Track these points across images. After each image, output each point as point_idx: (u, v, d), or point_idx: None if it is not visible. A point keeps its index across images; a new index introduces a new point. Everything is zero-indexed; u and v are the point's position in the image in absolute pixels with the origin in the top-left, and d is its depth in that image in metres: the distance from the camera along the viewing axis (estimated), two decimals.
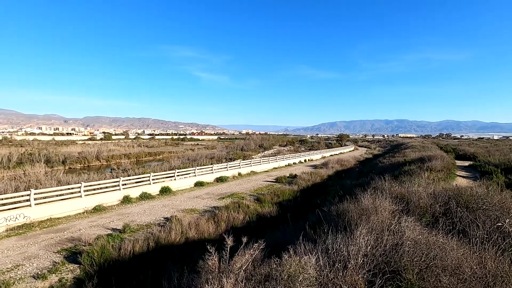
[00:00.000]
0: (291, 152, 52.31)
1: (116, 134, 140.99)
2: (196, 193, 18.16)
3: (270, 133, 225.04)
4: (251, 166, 28.66)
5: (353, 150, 66.27)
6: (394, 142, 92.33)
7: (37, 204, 12.17)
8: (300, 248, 3.55)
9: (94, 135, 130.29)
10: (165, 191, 17.84)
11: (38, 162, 33.86)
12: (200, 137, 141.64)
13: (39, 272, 7.64)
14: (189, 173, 21.64)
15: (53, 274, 7.58)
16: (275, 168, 32.24)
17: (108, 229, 11.13)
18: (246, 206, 13.73)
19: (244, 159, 36.45)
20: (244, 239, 3.84)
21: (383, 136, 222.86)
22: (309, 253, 3.37)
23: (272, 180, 23.59)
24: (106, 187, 15.62)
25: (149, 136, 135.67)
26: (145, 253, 8.67)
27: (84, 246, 8.92)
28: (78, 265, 8.00)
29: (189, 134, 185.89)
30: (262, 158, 33.56)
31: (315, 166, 32.74)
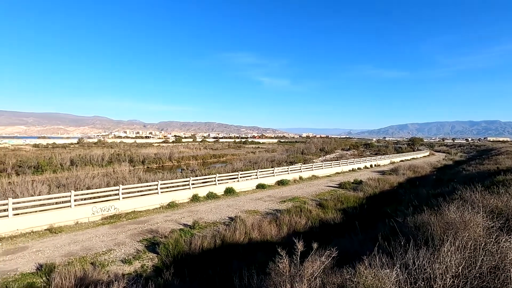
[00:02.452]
0: (355, 157, 49.46)
1: (185, 137, 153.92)
2: (258, 195, 18.55)
3: (332, 136, 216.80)
4: (312, 170, 28.03)
5: (428, 156, 59.26)
6: (481, 147, 79.13)
7: (124, 198, 14.04)
8: (376, 261, 3.31)
9: (167, 138, 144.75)
10: (229, 191, 18.69)
11: (123, 161, 39.09)
12: (261, 140, 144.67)
13: (125, 258, 8.77)
14: (251, 176, 22.25)
15: (137, 261, 8.61)
16: (338, 173, 30.88)
17: (180, 224, 12.18)
18: (308, 211, 13.45)
19: (304, 163, 35.86)
20: (315, 245, 3.76)
21: (466, 139, 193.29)
22: (386, 267, 3.12)
23: (335, 185, 22.65)
24: (178, 186, 17.11)
25: (213, 139, 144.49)
26: (212, 249, 9.19)
27: (161, 238, 9.91)
28: (156, 255, 8.93)
29: (250, 137, 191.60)
30: (324, 162, 32.53)
31: (382, 172, 30.30)
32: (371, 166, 38.03)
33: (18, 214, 11.12)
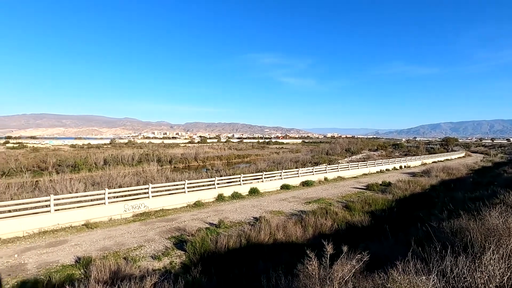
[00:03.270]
0: (383, 158, 47.66)
1: (210, 138, 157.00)
2: (282, 196, 18.47)
3: (358, 136, 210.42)
4: (338, 171, 27.41)
5: (463, 157, 55.69)
6: None
7: (153, 196, 14.60)
8: (409, 266, 3.16)
9: (193, 138, 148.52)
10: (253, 192, 18.79)
11: (152, 161, 40.60)
12: (285, 141, 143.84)
13: (155, 254, 9.11)
14: (275, 176, 22.21)
15: (166, 257, 8.91)
16: (365, 174, 29.92)
17: (206, 223, 12.44)
18: (334, 213, 13.17)
19: (329, 164, 35.15)
20: (345, 248, 3.68)
21: (508, 139, 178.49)
22: (421, 273, 2.97)
23: (362, 187, 21.97)
24: (203, 185, 17.48)
25: (237, 140, 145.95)
26: (238, 249, 9.27)
27: (188, 236, 10.18)
28: (184, 252, 9.19)
29: (274, 137, 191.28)
30: (350, 163, 31.66)
31: (413, 174, 28.92)
32: (400, 167, 36.46)
33: (58, 209, 11.94)
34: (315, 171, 25.09)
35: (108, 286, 4.59)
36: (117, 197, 14.02)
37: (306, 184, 22.53)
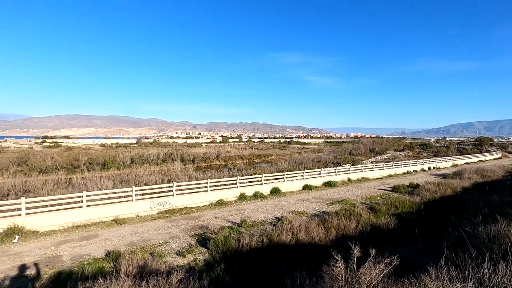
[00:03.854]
0: (410, 158, 45.76)
1: (231, 138, 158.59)
2: (304, 196, 18.27)
3: (383, 136, 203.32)
4: (361, 171, 26.66)
5: (499, 158, 52.14)
6: None
7: (177, 194, 14.99)
8: (442, 273, 3.01)
9: (214, 138, 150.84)
10: (275, 191, 18.74)
11: (175, 160, 41.74)
12: (306, 141, 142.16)
13: (179, 250, 9.36)
14: (297, 176, 22.01)
15: (189, 254, 9.12)
16: (390, 175, 28.87)
17: (228, 221, 12.58)
18: (359, 215, 12.82)
19: (353, 164, 34.30)
20: (372, 251, 3.57)
21: None
22: (455, 281, 2.81)
23: (388, 188, 21.22)
24: (225, 185, 17.69)
25: (259, 139, 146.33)
26: (260, 248, 9.29)
27: (211, 234, 10.33)
28: (207, 250, 9.35)
29: (295, 137, 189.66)
30: (375, 164, 30.68)
31: (443, 176, 27.50)
32: (429, 168, 34.80)
33: (90, 205, 12.60)
34: (338, 172, 24.58)
35: (137, 280, 4.77)
36: (143, 194, 14.55)
37: (328, 184, 22.13)
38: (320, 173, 23.16)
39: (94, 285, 4.43)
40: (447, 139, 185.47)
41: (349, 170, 25.80)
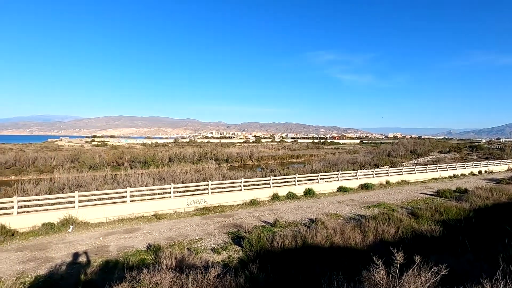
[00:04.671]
0: (457, 161, 42.27)
1: (264, 138, 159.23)
2: (339, 198, 17.76)
3: (426, 137, 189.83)
4: (402, 174, 25.21)
5: None
6: None
7: (212, 193, 15.45)
8: (499, 286, 2.75)
9: (247, 138, 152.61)
10: (308, 193, 18.46)
11: (210, 159, 43.00)
12: (341, 141, 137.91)
13: (215, 247, 9.63)
14: (331, 177, 21.46)
15: (224, 251, 9.35)
16: (434, 178, 26.91)
17: (261, 221, 12.67)
18: (398, 220, 12.13)
19: (392, 166, 32.55)
20: (417, 258, 3.38)
21: None
22: None
23: (431, 192, 19.81)
24: (258, 184, 17.82)
25: (291, 140, 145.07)
26: (293, 249, 9.23)
27: (245, 233, 10.48)
28: (240, 248, 9.51)
29: (329, 138, 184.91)
30: (416, 166, 28.81)
31: (497, 181, 24.98)
32: (479, 172, 31.84)
33: (133, 200, 13.48)
34: (375, 174, 23.51)
35: (177, 273, 5.03)
36: (180, 192, 15.20)
37: (365, 187, 21.26)
38: (356, 175, 22.34)
39: (140, 275, 4.76)
40: (501, 140, 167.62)
41: (387, 173, 24.54)
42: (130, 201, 13.33)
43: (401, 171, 25.69)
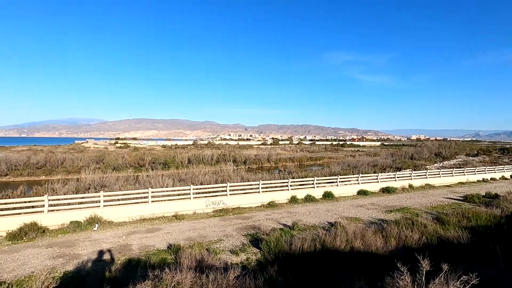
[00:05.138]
0: (486, 164, 40.12)
1: (282, 140, 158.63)
2: (359, 202, 17.35)
3: (452, 139, 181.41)
4: (426, 178, 24.24)
5: None
6: None
7: (231, 194, 15.58)
8: None
9: (265, 140, 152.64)
10: (327, 195, 18.18)
11: (228, 161, 43.38)
12: (361, 143, 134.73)
13: (233, 249, 9.70)
14: (351, 180, 21.02)
15: (242, 253, 9.38)
16: (461, 183, 25.65)
17: (279, 223, 12.61)
18: (423, 225, 11.67)
19: (415, 169, 31.39)
20: (444, 266, 3.24)
21: None
22: None
23: (458, 197, 18.90)
24: (276, 186, 17.78)
25: (310, 142, 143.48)
26: (312, 253, 9.11)
27: (263, 235, 10.47)
28: (259, 250, 9.51)
29: (348, 140, 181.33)
30: (442, 170, 27.59)
31: None
32: (511, 176, 30.00)
33: (154, 201, 13.86)
34: (397, 177, 22.76)
35: (197, 273, 5.11)
36: (199, 193, 15.46)
37: (386, 190, 20.64)
38: (377, 178, 21.74)
39: (162, 274, 4.89)
40: None
41: (410, 176, 23.69)
42: (152, 201, 13.71)
43: (425, 175, 24.71)
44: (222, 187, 15.89)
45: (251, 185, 17.16)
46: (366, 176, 21.88)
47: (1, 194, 17.68)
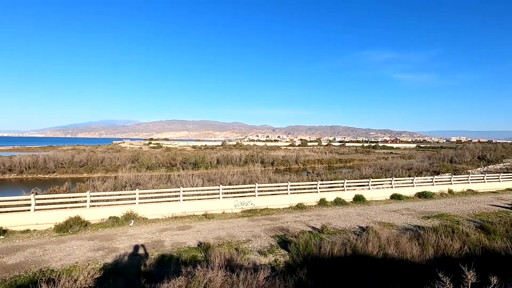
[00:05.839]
0: None
1: (310, 141, 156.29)
2: (392, 207, 16.56)
3: (498, 141, 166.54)
4: (468, 183, 22.52)
5: None
6: None
7: (259, 195, 15.65)
8: None
9: (293, 141, 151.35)
10: (358, 199, 17.58)
11: (256, 162, 43.58)
12: (394, 145, 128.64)
13: (261, 249, 9.73)
14: (383, 184, 20.15)
15: (270, 254, 9.38)
16: (510, 189, 23.48)
17: (308, 226, 12.43)
18: (464, 234, 10.85)
19: (455, 173, 29.29)
20: (493, 279, 3.00)
21: None
22: None
23: (506, 205, 17.32)
24: (305, 188, 17.53)
25: (339, 143, 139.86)
26: (342, 258, 8.86)
27: (291, 237, 10.39)
28: (287, 252, 9.45)
29: (381, 141, 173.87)
30: (486, 175, 25.46)
31: None
32: None
33: (185, 200, 14.33)
34: (435, 181, 21.40)
35: (227, 271, 5.21)
36: (228, 193, 15.71)
37: (423, 195, 19.48)
38: (412, 182, 20.61)
39: (194, 271, 5.05)
40: None
41: (450, 180, 22.16)
42: (183, 200, 14.19)
43: (467, 179, 22.96)
44: (251, 187, 16.02)
45: (279, 186, 17.11)
46: (400, 180, 20.84)
47: (49, 189, 19.32)
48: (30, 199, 11.94)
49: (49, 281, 4.89)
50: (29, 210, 11.82)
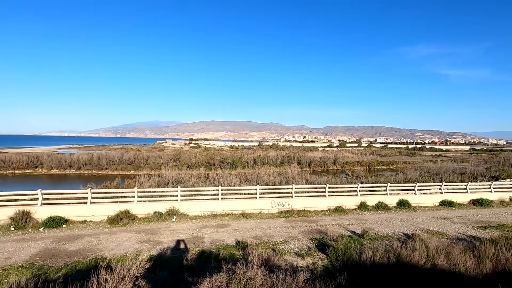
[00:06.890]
0: None
1: (349, 142, 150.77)
2: (442, 214, 15.28)
3: None
4: None
5: None
6: None
7: (296, 196, 15.51)
8: None
9: (331, 142, 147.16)
10: (402, 204, 16.53)
11: (292, 163, 43.18)
12: (444, 147, 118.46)
13: (299, 251, 9.62)
14: (431, 189, 18.67)
15: (308, 257, 9.23)
16: None
17: (348, 230, 12.00)
18: None
19: None
20: None
21: None
22: None
23: None
24: (344, 191, 16.94)
25: (381, 145, 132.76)
26: (385, 266, 8.40)
27: (330, 240, 10.13)
28: (325, 256, 9.22)
29: (428, 143, 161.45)
30: None
31: None
32: None
33: (223, 198, 14.73)
34: (494, 188, 19.28)
35: (266, 271, 5.26)
36: (264, 193, 15.80)
37: (478, 203, 17.67)
38: (465, 188, 18.80)
39: (235, 268, 5.19)
40: None
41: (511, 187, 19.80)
42: (221, 198, 14.60)
43: None
44: (287, 188, 15.93)
45: (316, 188, 16.77)
46: (451, 185, 19.14)
47: (103, 184, 21.17)
48: (87, 193, 13.23)
49: (106, 267, 5.38)
50: (86, 203, 13.09)
